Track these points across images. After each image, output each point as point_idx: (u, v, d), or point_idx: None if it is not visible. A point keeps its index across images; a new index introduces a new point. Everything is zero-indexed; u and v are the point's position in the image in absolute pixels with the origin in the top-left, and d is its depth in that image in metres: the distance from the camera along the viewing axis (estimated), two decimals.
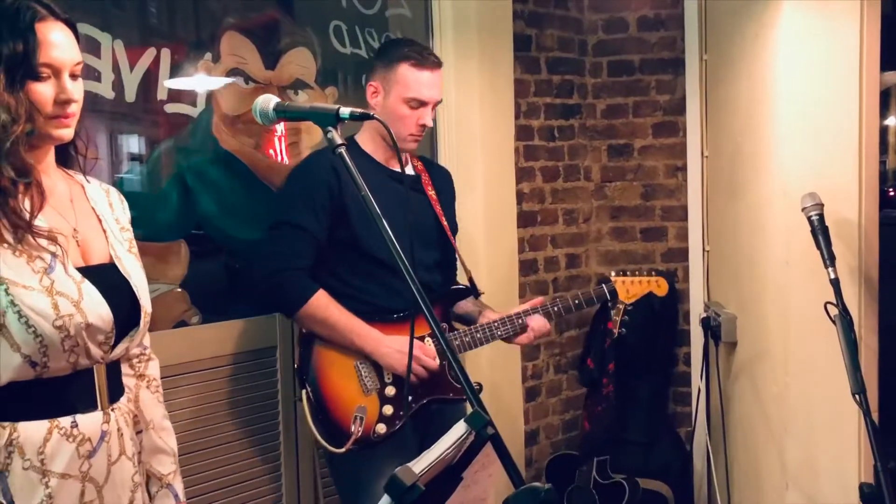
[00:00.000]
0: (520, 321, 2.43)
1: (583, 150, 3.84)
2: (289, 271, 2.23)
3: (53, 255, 1.45)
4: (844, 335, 2.14)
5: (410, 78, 2.30)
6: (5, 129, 1.38)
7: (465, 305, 2.53)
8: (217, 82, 2.64)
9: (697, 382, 3.55)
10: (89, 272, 1.50)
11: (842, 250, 2.38)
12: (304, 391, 2.26)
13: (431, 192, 2.47)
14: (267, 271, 2.24)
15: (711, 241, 3.61)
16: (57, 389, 1.45)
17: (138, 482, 1.61)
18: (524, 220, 3.58)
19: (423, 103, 2.32)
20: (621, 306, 3.21)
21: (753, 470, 2.94)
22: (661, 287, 2.74)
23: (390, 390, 2.28)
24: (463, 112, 3.20)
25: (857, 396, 2.08)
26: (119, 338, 1.53)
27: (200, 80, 2.60)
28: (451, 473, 1.21)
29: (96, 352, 1.49)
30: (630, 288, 2.71)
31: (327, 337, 2.25)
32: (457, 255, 2.55)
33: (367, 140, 2.40)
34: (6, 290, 1.38)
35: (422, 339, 2.33)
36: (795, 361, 2.50)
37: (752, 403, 2.94)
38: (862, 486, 2.03)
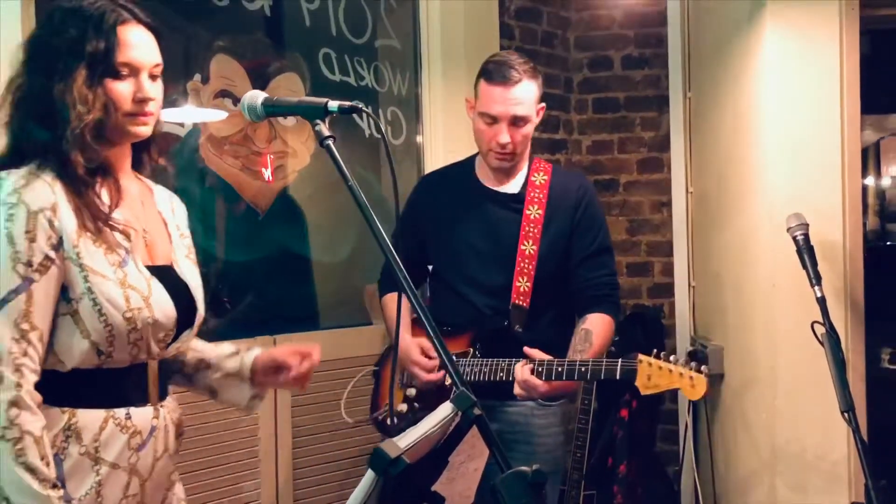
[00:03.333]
0: (508, 369, 2.18)
1: None
2: (382, 274, 2.56)
3: (126, 250, 1.50)
4: (832, 353, 2.14)
5: (483, 93, 2.26)
6: (79, 118, 1.44)
7: (570, 348, 2.24)
8: (206, 113, 2.64)
9: (685, 417, 3.51)
10: (155, 271, 1.55)
11: (827, 272, 2.39)
12: (374, 368, 2.57)
13: (532, 211, 2.31)
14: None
15: (697, 277, 3.61)
16: (114, 380, 1.50)
17: (175, 480, 1.64)
18: None
19: (494, 118, 2.24)
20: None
21: (743, 502, 2.89)
22: (695, 389, 2.03)
23: (411, 391, 2.38)
24: (452, 142, 3.22)
25: (846, 414, 2.07)
26: (175, 337, 1.58)
27: (189, 105, 2.61)
28: (437, 455, 1.18)
29: (154, 348, 1.53)
30: (654, 375, 2.05)
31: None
32: (514, 283, 2.28)
33: (480, 158, 2.40)
34: (85, 278, 1.44)
35: (464, 354, 2.29)
36: (784, 385, 2.49)
37: (740, 433, 2.91)
38: None
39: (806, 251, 2.26)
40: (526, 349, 2.17)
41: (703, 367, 2.08)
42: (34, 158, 1.46)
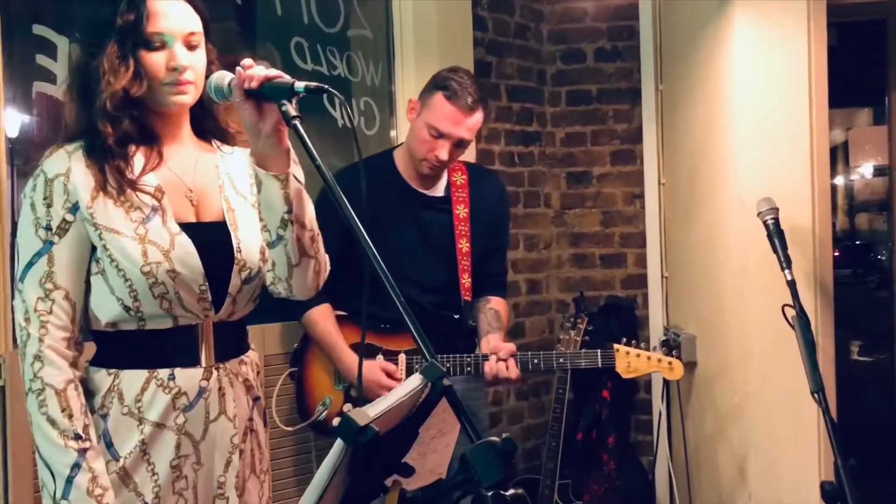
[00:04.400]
0: (476, 363, 2.34)
1: (542, 177, 3.88)
2: None
3: (154, 209, 1.52)
4: (802, 335, 2.16)
5: (438, 106, 2.31)
6: (105, 88, 1.47)
7: (481, 321, 2.47)
8: None
9: (658, 407, 3.53)
10: (194, 227, 1.56)
11: (797, 257, 2.41)
12: (292, 368, 2.45)
13: (460, 211, 2.43)
14: None
15: (670, 268, 3.64)
16: (158, 342, 1.52)
17: (238, 444, 1.59)
18: None
19: (442, 135, 2.30)
20: (581, 325, 3.21)
21: (716, 488, 2.92)
22: (673, 371, 2.36)
23: (355, 391, 2.39)
24: None
25: (816, 395, 2.09)
26: (221, 296, 1.56)
27: None
28: (407, 427, 1.17)
29: (194, 305, 1.53)
30: (633, 362, 2.35)
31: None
32: (459, 280, 2.44)
33: (401, 156, 2.44)
34: (100, 236, 1.49)
35: (395, 354, 2.39)
36: (755, 369, 2.51)
37: (712, 420, 2.93)
38: (823, 484, 2.02)
39: (776, 235, 2.28)
40: (500, 344, 2.34)
41: (674, 352, 2.40)
42: (78, 133, 1.53)
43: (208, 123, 1.66)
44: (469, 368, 2.33)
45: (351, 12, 3.15)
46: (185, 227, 1.55)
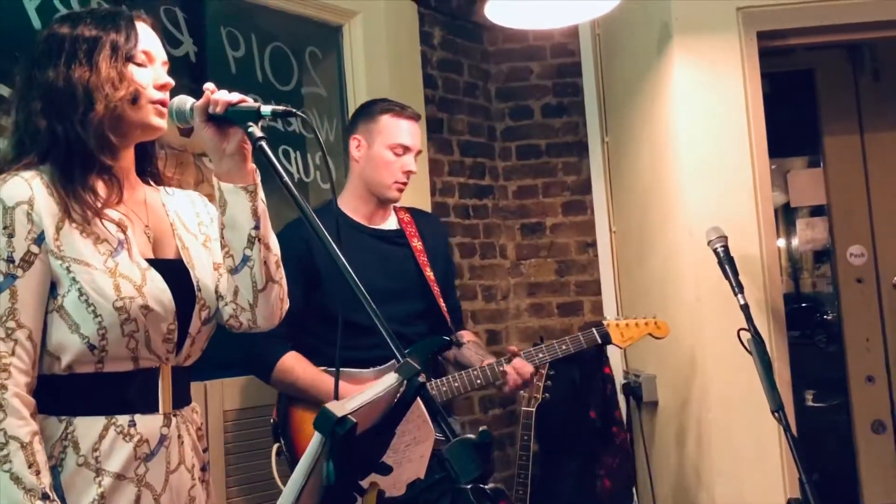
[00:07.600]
0: (499, 368, 2.43)
1: (497, 229, 3.95)
2: (259, 338, 2.16)
3: (120, 242, 1.46)
4: (759, 356, 2.21)
5: (392, 126, 2.44)
6: (106, 99, 1.42)
7: (467, 354, 2.52)
8: None
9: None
10: (157, 264, 1.50)
11: (748, 285, 2.48)
12: (276, 444, 2.32)
13: (416, 244, 2.51)
14: (245, 339, 2.34)
15: (625, 313, 3.69)
16: (116, 386, 1.43)
17: (195, 497, 1.52)
18: None
19: (406, 149, 2.43)
20: (543, 371, 3.23)
21: None
22: (660, 328, 2.52)
23: None
24: None
25: (776, 413, 2.13)
26: (182, 337, 1.51)
27: None
28: (383, 426, 1.17)
29: (160, 347, 1.47)
30: (625, 331, 2.52)
31: (301, 398, 2.30)
32: (439, 304, 2.49)
33: (348, 200, 2.47)
34: (68, 269, 1.40)
35: None
36: (714, 396, 2.55)
37: (677, 454, 2.94)
38: (790, 502, 2.04)
39: (727, 262, 2.36)
40: (511, 347, 2.50)
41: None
42: (38, 153, 1.43)
43: (150, 164, 1.63)
44: (480, 381, 2.40)
45: (304, 70, 3.22)
46: (148, 262, 1.49)
